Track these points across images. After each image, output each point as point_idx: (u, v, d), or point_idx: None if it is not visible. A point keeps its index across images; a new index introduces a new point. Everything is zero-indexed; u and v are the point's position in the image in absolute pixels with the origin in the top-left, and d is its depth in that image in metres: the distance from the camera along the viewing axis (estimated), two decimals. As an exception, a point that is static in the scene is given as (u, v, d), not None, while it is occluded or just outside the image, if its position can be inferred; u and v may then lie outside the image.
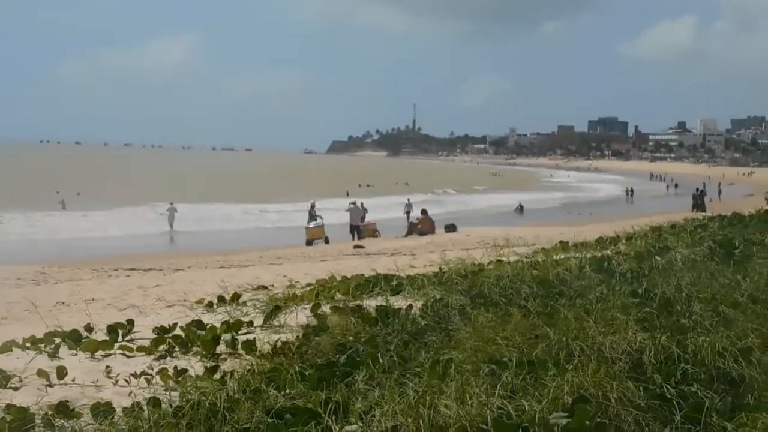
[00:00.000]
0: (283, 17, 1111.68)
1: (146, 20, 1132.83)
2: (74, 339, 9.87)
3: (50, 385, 8.02)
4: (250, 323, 10.86)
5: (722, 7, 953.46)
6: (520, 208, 79.54)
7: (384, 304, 10.77)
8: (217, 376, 7.86)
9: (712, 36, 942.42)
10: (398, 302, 11.13)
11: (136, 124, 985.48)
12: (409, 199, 67.29)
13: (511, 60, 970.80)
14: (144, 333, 10.52)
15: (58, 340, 9.75)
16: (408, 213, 61.64)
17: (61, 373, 8.24)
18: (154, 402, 6.86)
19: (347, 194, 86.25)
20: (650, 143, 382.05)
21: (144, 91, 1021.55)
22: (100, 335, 10.30)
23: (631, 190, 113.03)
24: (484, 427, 5.93)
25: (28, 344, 9.64)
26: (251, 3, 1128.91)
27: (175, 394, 7.22)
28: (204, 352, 9.39)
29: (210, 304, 12.91)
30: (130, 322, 10.83)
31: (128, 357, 9.46)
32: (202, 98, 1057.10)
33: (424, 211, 47.77)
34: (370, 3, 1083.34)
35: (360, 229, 48.83)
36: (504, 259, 14.97)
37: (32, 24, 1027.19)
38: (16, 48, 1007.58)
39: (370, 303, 11.15)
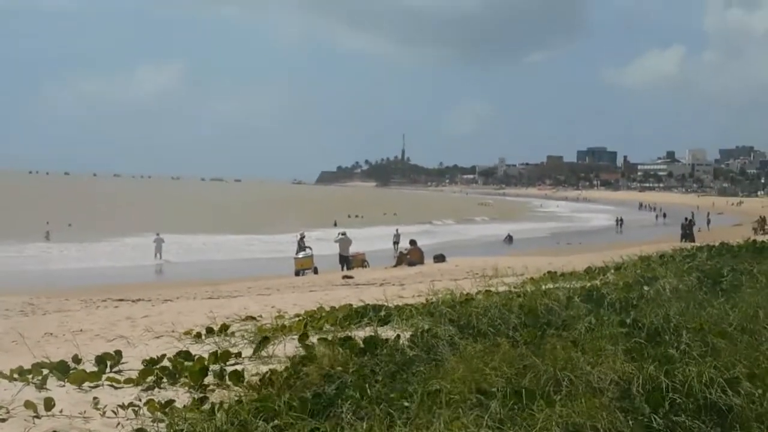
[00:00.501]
0: (268, 47, 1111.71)
1: (132, 49, 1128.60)
2: (62, 370, 9.83)
3: (38, 417, 7.99)
4: (239, 354, 10.84)
5: (710, 36, 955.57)
6: (509, 238, 79.66)
7: (372, 334, 10.75)
8: (205, 407, 7.83)
9: (701, 66, 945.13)
10: (386, 333, 11.11)
11: (125, 155, 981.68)
12: (397, 230, 67.35)
13: (499, 89, 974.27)
14: (132, 364, 10.49)
15: (45, 371, 9.71)
16: (396, 243, 61.78)
17: (49, 404, 8.21)
18: (142, 433, 6.84)
19: (335, 224, 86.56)
20: (639, 173, 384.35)
21: (132, 121, 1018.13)
22: (88, 366, 10.27)
23: (621, 220, 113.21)
24: (473, 458, 5.93)
25: (15, 375, 9.60)
26: (236, 32, 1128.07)
27: (162, 425, 7.21)
28: (192, 383, 9.36)
29: (198, 335, 12.88)
30: (118, 353, 10.81)
31: (116, 388, 9.43)
32: (190, 128, 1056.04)
33: (413, 242, 47.69)
34: (353, 31, 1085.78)
35: (349, 259, 48.84)
36: (493, 289, 14.97)
37: (15, 53, 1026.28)
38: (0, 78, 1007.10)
39: (359, 333, 11.13)
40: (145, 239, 65.39)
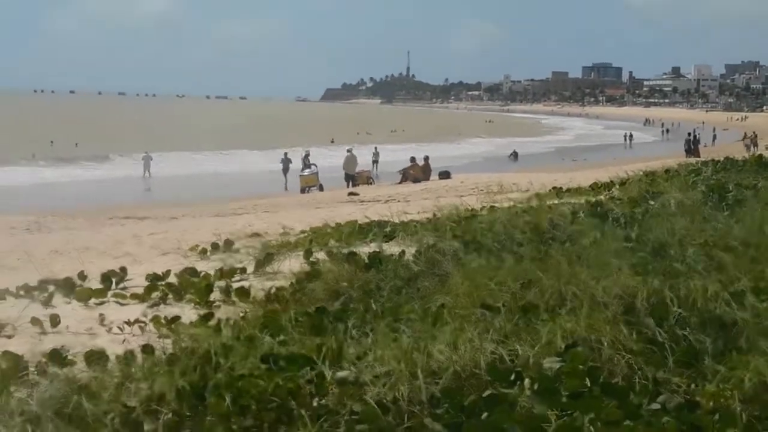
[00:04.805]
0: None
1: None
2: (68, 287, 9.89)
3: (44, 333, 8.05)
4: (244, 270, 10.87)
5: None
6: (515, 155, 79.45)
7: (377, 250, 10.76)
8: (211, 323, 7.86)
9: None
10: (391, 248, 11.11)
11: (131, 74, 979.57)
12: (376, 148, 66.01)
13: (505, 5, 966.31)
14: (137, 281, 10.52)
15: (51, 288, 9.77)
16: (375, 162, 61.10)
17: (55, 321, 8.26)
18: (148, 349, 6.87)
19: (332, 141, 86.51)
20: (644, 89, 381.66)
21: (138, 39, 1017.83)
22: (94, 283, 10.31)
23: (630, 135, 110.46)
24: (478, 371, 5.94)
25: (21, 292, 9.66)
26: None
27: (168, 341, 7.23)
28: (197, 300, 9.40)
29: (204, 252, 12.93)
30: (123, 269, 10.84)
31: (121, 305, 9.48)
32: (196, 46, 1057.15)
33: (415, 159, 47.46)
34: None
35: (354, 176, 48.69)
36: (497, 205, 14.98)
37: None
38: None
39: (364, 249, 11.14)
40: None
